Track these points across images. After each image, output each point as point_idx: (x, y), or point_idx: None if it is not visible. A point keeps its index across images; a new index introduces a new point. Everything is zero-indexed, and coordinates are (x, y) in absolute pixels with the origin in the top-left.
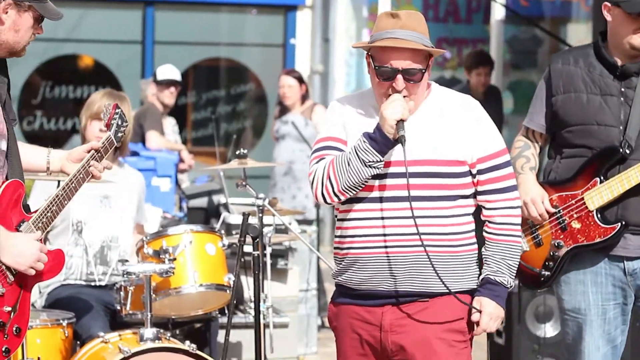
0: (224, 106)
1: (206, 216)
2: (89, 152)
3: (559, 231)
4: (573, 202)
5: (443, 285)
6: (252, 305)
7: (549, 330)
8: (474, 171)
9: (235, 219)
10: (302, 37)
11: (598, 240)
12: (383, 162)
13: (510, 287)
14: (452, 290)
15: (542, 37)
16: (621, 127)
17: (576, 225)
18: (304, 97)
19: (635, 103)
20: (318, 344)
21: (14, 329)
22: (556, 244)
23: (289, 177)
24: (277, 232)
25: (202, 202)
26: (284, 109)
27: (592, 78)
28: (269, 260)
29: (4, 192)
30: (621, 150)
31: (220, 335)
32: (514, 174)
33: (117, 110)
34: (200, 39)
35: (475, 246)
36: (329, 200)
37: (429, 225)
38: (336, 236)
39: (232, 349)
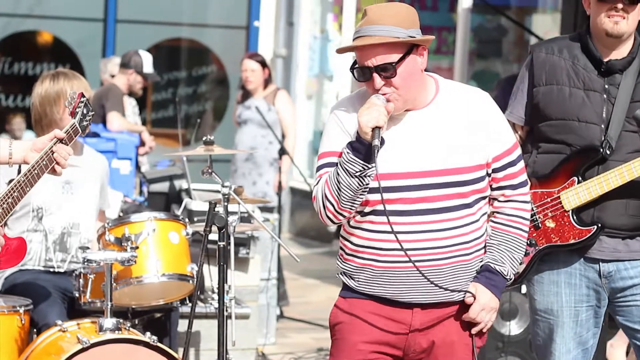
0: (185, 88)
1: (167, 201)
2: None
3: (532, 229)
4: (548, 200)
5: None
6: (213, 294)
7: (514, 328)
8: (489, 170)
9: (197, 205)
10: (266, 20)
11: (572, 241)
12: (373, 169)
13: (510, 279)
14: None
15: (508, 27)
16: (602, 126)
17: (550, 224)
18: (267, 82)
19: (618, 101)
20: (277, 335)
21: None
22: (528, 242)
23: (250, 163)
24: (240, 220)
25: (163, 186)
26: (246, 94)
27: (576, 71)
28: (232, 250)
29: None
30: (602, 150)
31: (181, 325)
32: (525, 167)
33: (82, 99)
34: (163, 19)
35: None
36: (336, 222)
37: (456, 236)
38: (352, 243)
39: (190, 338)
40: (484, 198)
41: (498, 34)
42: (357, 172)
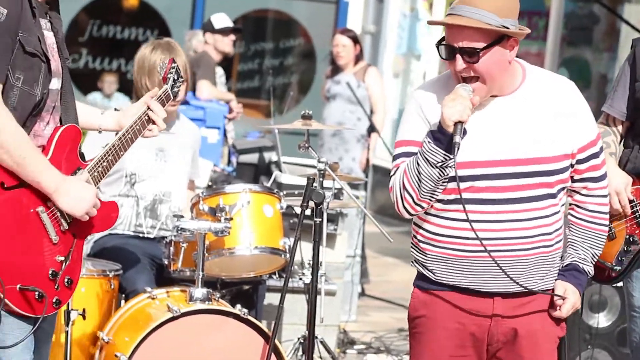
0: (271, 59)
1: (256, 173)
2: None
3: (635, 226)
4: None
5: (549, 283)
6: (301, 270)
7: (602, 320)
8: (573, 161)
9: (287, 178)
10: None
11: None
12: (454, 160)
13: (590, 276)
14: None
15: (600, 15)
16: None
17: None
18: (358, 58)
19: None
20: (358, 312)
21: (66, 280)
22: (631, 239)
23: (337, 139)
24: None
25: (252, 158)
26: (336, 69)
27: None
28: (325, 227)
29: (61, 137)
30: None
31: (267, 299)
32: (605, 160)
33: (173, 65)
34: None
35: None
36: (413, 213)
37: (541, 227)
38: (427, 230)
39: (273, 311)
40: (564, 189)
41: (590, 21)
42: (438, 162)
